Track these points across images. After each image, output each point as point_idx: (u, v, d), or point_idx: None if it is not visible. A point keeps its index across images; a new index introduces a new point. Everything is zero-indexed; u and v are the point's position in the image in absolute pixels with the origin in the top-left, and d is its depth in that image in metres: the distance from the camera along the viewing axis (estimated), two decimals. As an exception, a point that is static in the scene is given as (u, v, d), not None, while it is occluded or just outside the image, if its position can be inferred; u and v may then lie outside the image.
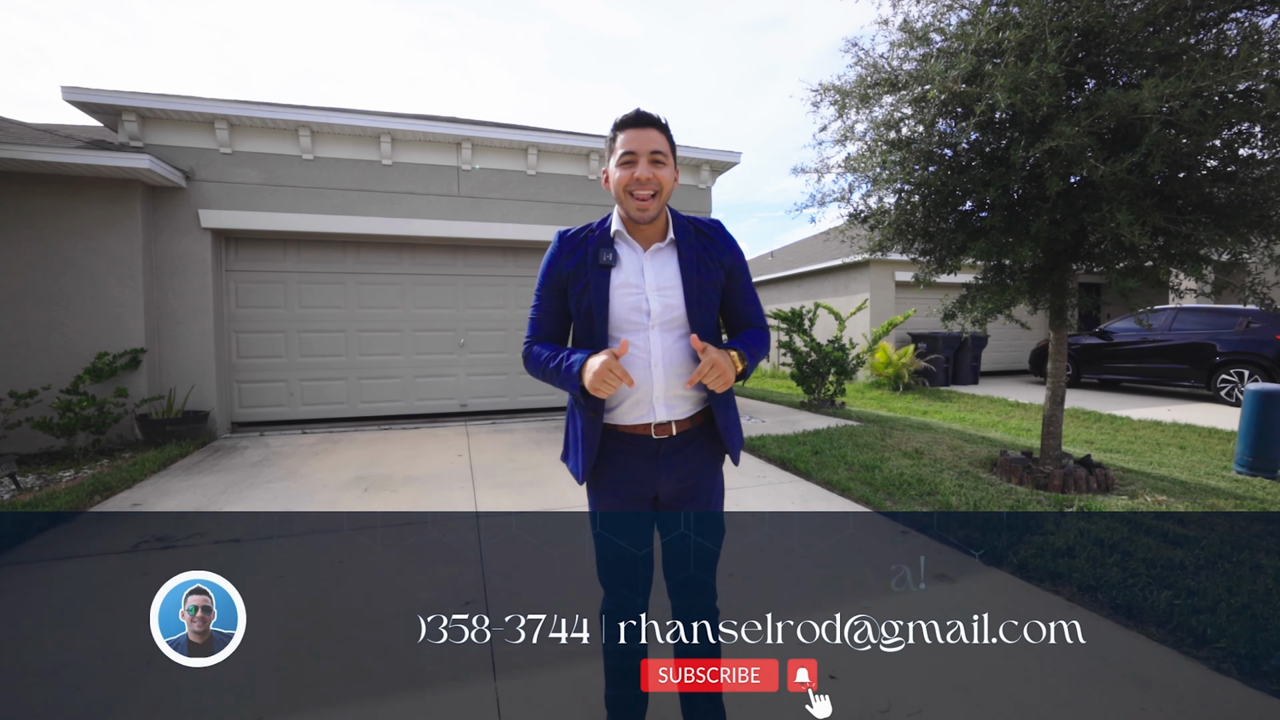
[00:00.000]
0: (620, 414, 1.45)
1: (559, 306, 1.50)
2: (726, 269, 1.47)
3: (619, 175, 1.38)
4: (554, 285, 1.48)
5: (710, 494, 1.54)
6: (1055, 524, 3.19)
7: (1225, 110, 2.64)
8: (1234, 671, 2.02)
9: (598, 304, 1.40)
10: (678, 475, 1.47)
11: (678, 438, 1.45)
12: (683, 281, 1.41)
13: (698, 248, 1.45)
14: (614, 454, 1.46)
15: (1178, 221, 2.94)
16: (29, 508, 3.58)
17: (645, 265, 1.42)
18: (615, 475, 1.47)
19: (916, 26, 3.67)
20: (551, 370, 1.42)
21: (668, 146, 1.39)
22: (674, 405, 1.44)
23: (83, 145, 5.26)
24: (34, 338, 5.25)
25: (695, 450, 1.48)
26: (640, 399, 1.42)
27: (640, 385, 1.40)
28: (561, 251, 1.46)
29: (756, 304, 1.56)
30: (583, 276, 1.42)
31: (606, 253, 1.41)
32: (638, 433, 1.44)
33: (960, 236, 3.86)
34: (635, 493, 1.48)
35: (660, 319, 1.40)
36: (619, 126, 1.41)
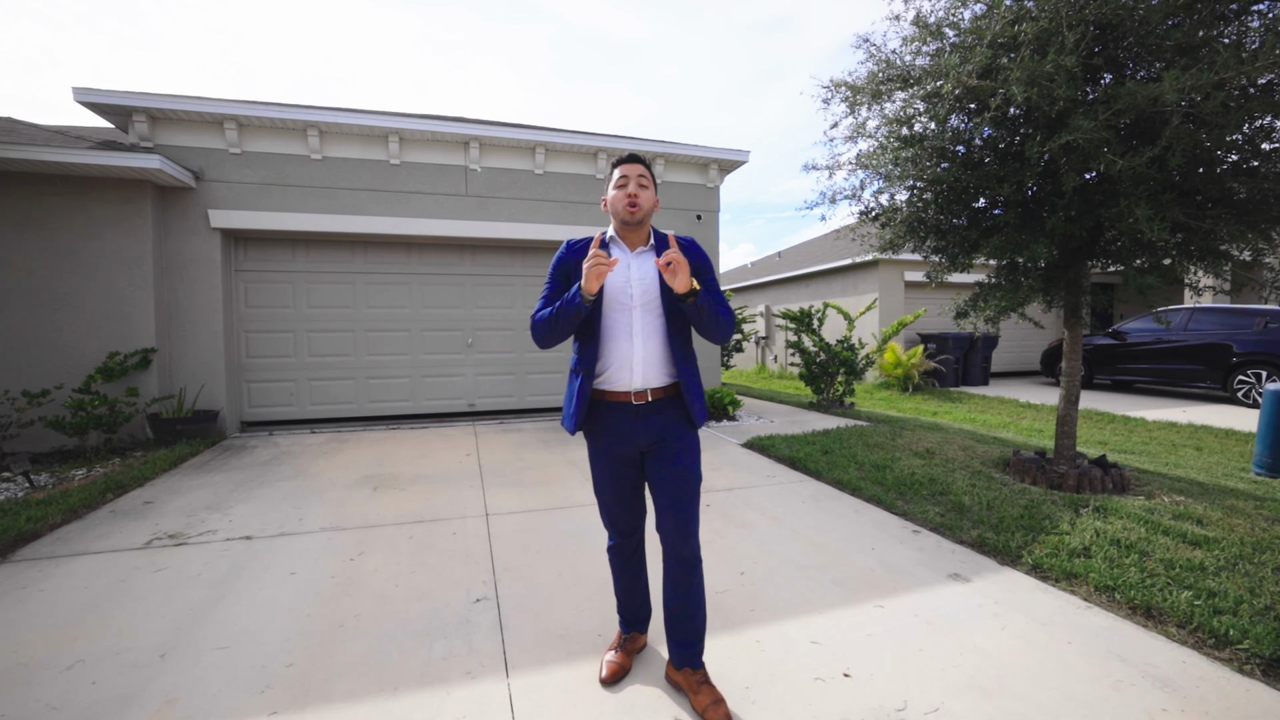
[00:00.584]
0: (607, 379, 1.86)
1: (564, 289, 1.90)
2: (694, 268, 1.85)
3: (615, 194, 1.86)
4: (562, 274, 1.92)
5: (682, 446, 1.88)
6: (1070, 524, 3.15)
7: (1248, 103, 2.60)
8: (1258, 674, 1.98)
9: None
10: (653, 431, 1.86)
11: (652, 403, 1.86)
12: (658, 273, 1.85)
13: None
14: (602, 415, 1.88)
15: (1198, 217, 2.90)
16: (43, 505, 3.60)
17: (631, 262, 1.88)
18: (604, 434, 1.89)
19: (930, 21, 3.65)
20: (557, 311, 1.79)
21: (650, 177, 1.89)
22: (650, 372, 1.85)
23: (94, 146, 5.30)
24: (46, 337, 5.29)
25: (667, 413, 1.88)
26: (622, 364, 1.84)
27: (622, 352, 1.84)
28: (569, 252, 1.92)
29: (719, 294, 1.95)
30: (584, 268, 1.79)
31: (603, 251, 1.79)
32: (621, 399, 1.86)
33: (973, 234, 3.83)
34: (620, 441, 1.88)
35: (641, 300, 1.85)
36: (615, 164, 1.89)
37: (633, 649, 2.11)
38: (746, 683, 1.98)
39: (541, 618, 2.42)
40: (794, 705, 1.86)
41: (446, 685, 1.98)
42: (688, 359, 1.91)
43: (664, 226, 7.36)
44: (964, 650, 2.18)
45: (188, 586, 2.71)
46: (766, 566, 2.90)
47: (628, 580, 2.08)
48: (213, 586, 2.71)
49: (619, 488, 1.96)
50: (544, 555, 3.05)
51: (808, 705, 1.87)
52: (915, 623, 2.38)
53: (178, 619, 2.41)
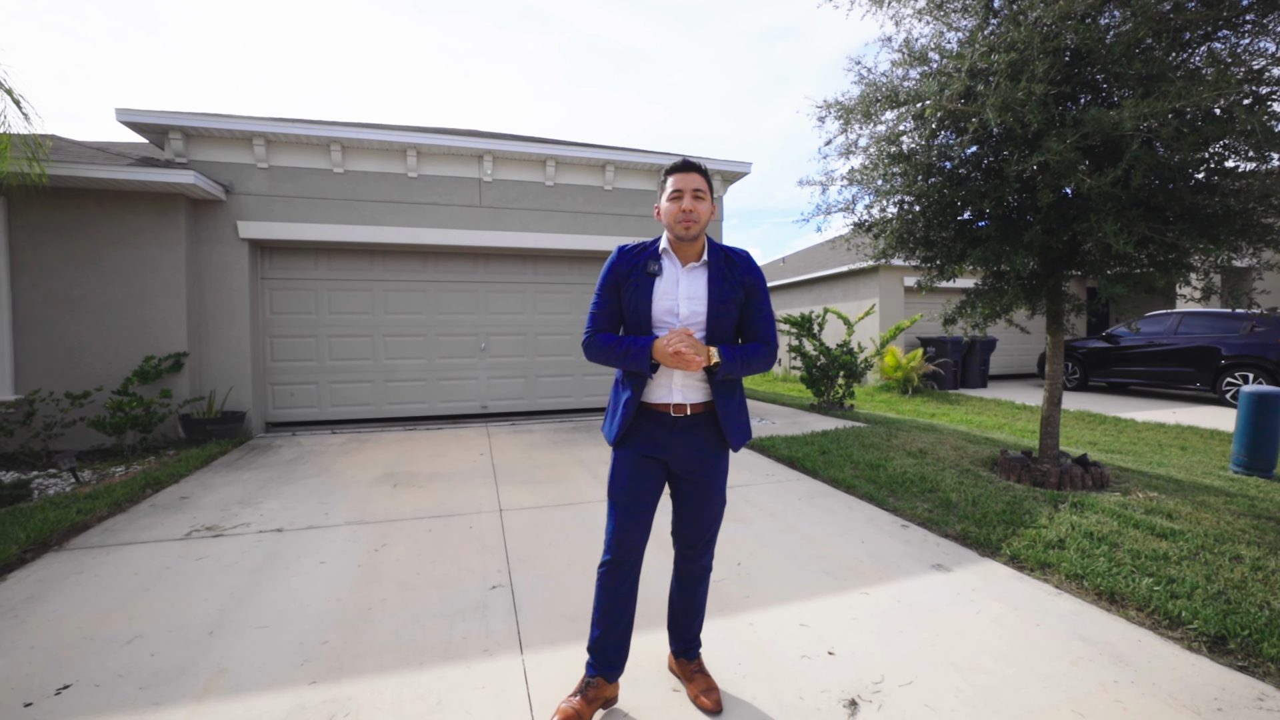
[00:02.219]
0: (648, 393, 1.83)
1: (615, 302, 1.85)
2: (747, 289, 1.82)
3: (669, 208, 1.78)
4: (612, 284, 1.84)
5: (714, 471, 1.86)
6: (1049, 518, 3.35)
7: (1202, 128, 2.80)
8: (1204, 650, 2.18)
9: (642, 303, 1.78)
10: (686, 448, 1.82)
11: (690, 418, 1.82)
12: (708, 294, 1.78)
13: (725, 269, 1.82)
14: (640, 424, 1.84)
15: (1162, 231, 3.10)
16: (90, 499, 3.87)
17: (681, 278, 1.80)
18: (636, 437, 1.84)
19: (916, 47, 3.87)
20: (620, 353, 1.76)
21: (706, 186, 1.78)
22: (688, 391, 1.81)
23: (134, 162, 5.62)
24: (87, 342, 5.60)
25: (703, 431, 1.83)
26: (663, 382, 1.81)
27: (664, 370, 1.79)
28: (620, 260, 1.84)
29: (768, 322, 1.87)
30: (634, 280, 1.80)
31: (654, 264, 1.80)
32: (660, 410, 1.82)
33: (960, 245, 4.04)
34: (651, 451, 1.83)
35: (686, 321, 1.77)
36: (669, 171, 1.81)
37: (596, 697, 1.81)
38: (739, 659, 2.19)
39: (553, 602, 2.65)
40: (781, 679, 2.08)
41: (467, 661, 2.21)
42: (724, 383, 1.81)
43: (669, 235, 7.61)
44: (940, 632, 2.38)
45: (227, 573, 2.96)
46: (762, 558, 3.11)
47: (613, 608, 1.84)
48: (250, 574, 2.96)
49: (637, 487, 1.81)
50: (555, 547, 3.28)
51: (794, 679, 2.08)
52: (898, 608, 2.59)
53: (221, 601, 2.66)
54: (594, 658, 1.86)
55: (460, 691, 2.00)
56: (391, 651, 2.26)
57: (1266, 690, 1.95)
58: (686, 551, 1.93)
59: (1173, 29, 3.03)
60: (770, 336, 1.87)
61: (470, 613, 2.56)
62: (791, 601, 2.64)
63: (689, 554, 1.93)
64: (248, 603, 2.64)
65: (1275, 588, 2.51)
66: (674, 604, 2.01)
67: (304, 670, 2.14)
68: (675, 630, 2.03)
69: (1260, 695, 1.92)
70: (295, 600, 2.67)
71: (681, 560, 1.96)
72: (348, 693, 2.00)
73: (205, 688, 2.02)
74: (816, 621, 2.46)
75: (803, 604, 2.62)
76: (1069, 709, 1.87)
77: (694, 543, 1.91)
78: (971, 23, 3.58)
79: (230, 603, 2.64)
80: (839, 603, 2.63)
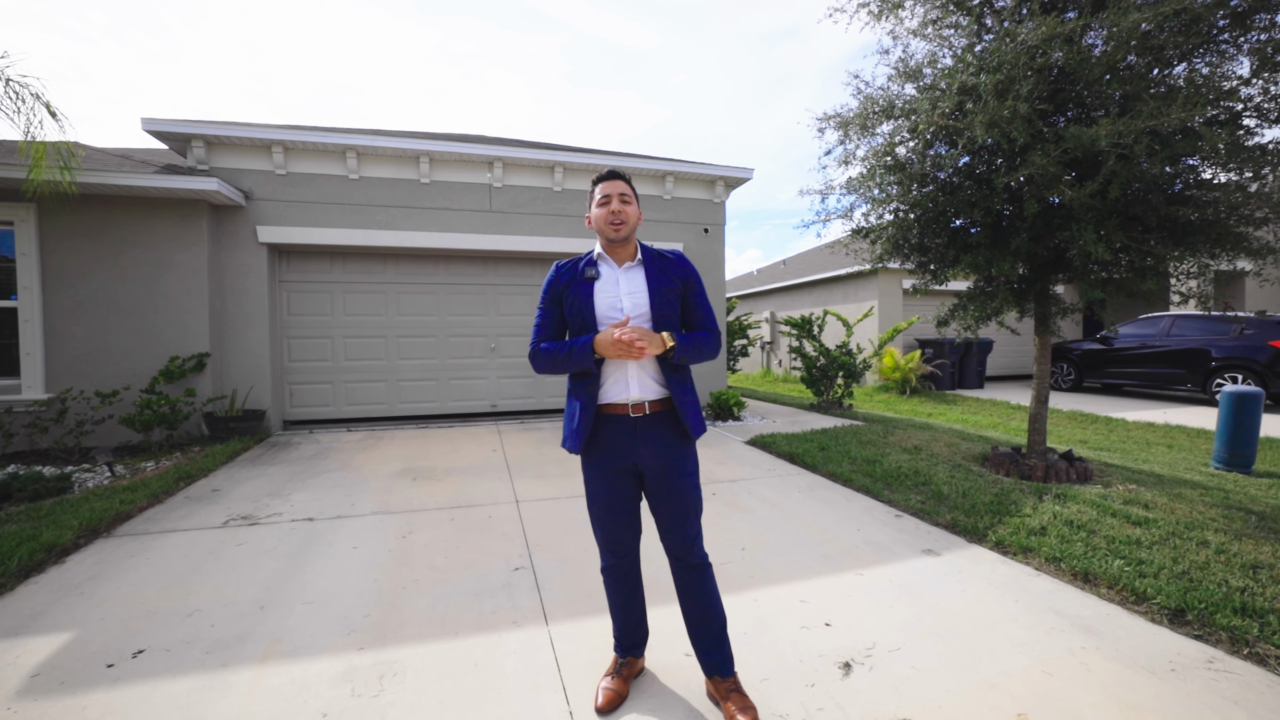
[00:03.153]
0: (605, 393, 1.87)
1: (558, 313, 1.93)
2: (682, 280, 1.92)
3: (599, 213, 1.88)
4: (553, 297, 1.93)
5: (683, 464, 1.89)
6: (1033, 508, 3.58)
7: (1173, 144, 3.02)
8: (1164, 621, 2.41)
9: (585, 304, 1.86)
10: (653, 448, 1.85)
11: (650, 416, 1.86)
12: (648, 287, 1.87)
13: (660, 265, 1.92)
14: (600, 431, 1.87)
15: (1139, 240, 3.33)
16: (129, 491, 4.10)
17: (620, 277, 1.89)
18: (602, 449, 1.87)
19: (912, 63, 4.10)
20: (563, 355, 1.83)
21: (631, 191, 1.91)
22: (646, 385, 1.86)
23: (159, 170, 5.85)
24: (114, 343, 5.83)
25: (663, 427, 1.87)
26: (618, 379, 1.86)
27: (618, 368, 1.85)
28: (558, 274, 1.94)
29: (707, 310, 1.97)
30: (574, 288, 1.88)
31: (591, 269, 1.89)
32: (618, 412, 1.86)
33: (952, 251, 4.27)
34: (619, 463, 1.87)
35: (632, 315, 1.84)
36: (596, 181, 1.92)
37: (630, 674, 2.03)
38: (744, 630, 2.41)
39: (572, 582, 2.88)
40: (782, 645, 2.30)
41: (498, 631, 2.43)
42: (679, 372, 1.90)
43: (674, 239, 7.85)
44: (927, 607, 2.61)
45: (268, 557, 3.19)
46: (764, 543, 3.34)
47: (623, 602, 2.01)
48: (289, 558, 3.18)
49: (615, 504, 1.91)
50: (570, 534, 3.50)
51: (793, 646, 2.31)
52: (889, 587, 2.82)
53: (267, 581, 2.89)
54: (619, 644, 2.05)
55: (494, 656, 2.23)
56: (429, 623, 2.48)
57: (1216, 654, 2.17)
58: (678, 552, 1.92)
59: (1154, 47, 3.25)
60: (713, 323, 1.96)
61: (497, 590, 2.79)
62: (792, 581, 2.87)
63: (680, 553, 1.91)
64: (291, 582, 2.87)
65: (1234, 568, 2.73)
66: (688, 617, 1.94)
67: (351, 639, 2.36)
68: (700, 644, 1.93)
69: (1210, 659, 2.15)
70: (335, 580, 2.90)
71: (677, 564, 1.93)
72: (393, 657, 2.22)
73: (265, 652, 2.24)
74: (815, 598, 2.69)
75: (802, 583, 2.84)
76: (1039, 670, 2.10)
77: (682, 540, 1.90)
78: (963, 42, 3.81)
79: (275, 582, 2.87)
80: (835, 582, 2.85)
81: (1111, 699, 1.93)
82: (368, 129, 7.53)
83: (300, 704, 1.94)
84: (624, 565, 1.98)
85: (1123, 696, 1.94)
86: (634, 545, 1.99)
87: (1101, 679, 2.04)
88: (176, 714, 1.89)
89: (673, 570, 1.94)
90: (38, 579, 2.87)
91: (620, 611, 2.03)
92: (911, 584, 2.83)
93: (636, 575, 2.02)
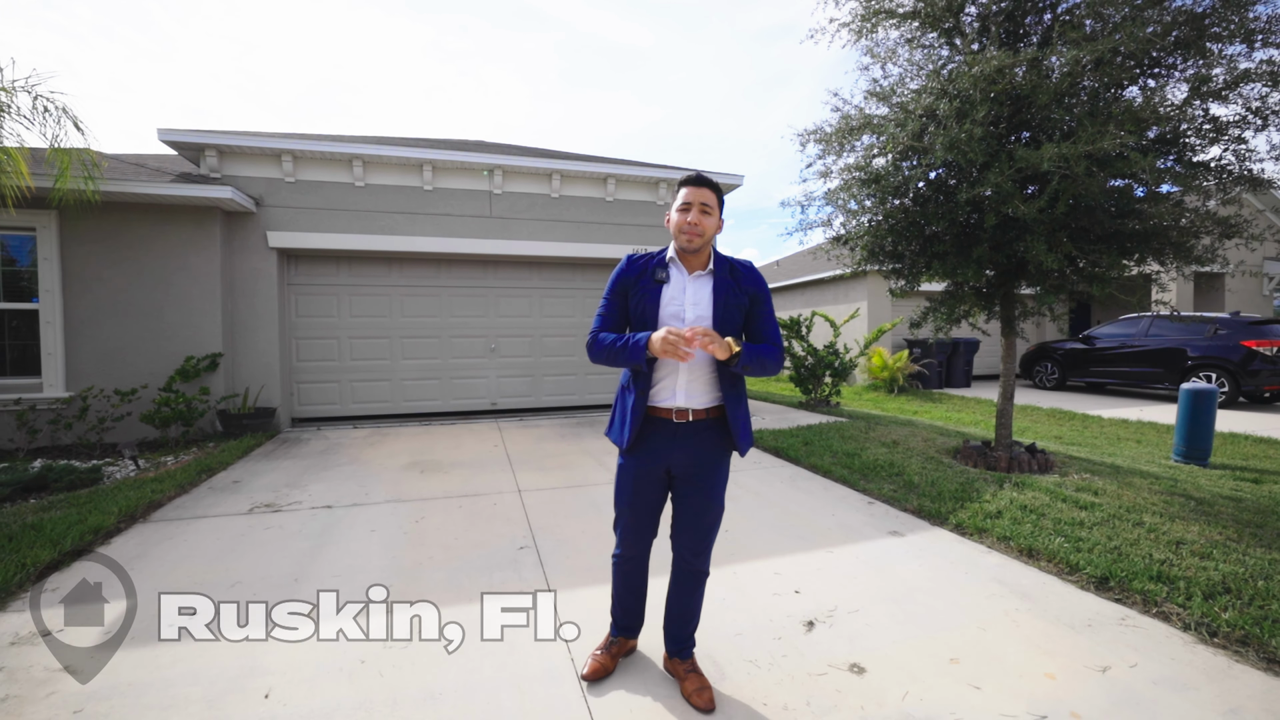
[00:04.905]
0: (654, 396, 1.90)
1: (622, 306, 1.95)
2: (750, 295, 1.92)
3: (677, 218, 1.87)
4: (620, 290, 1.94)
5: (715, 475, 1.93)
6: (993, 495, 3.91)
7: (1111, 165, 3.36)
8: (1091, 588, 2.75)
9: (650, 306, 1.87)
10: (689, 454, 1.89)
11: (693, 424, 1.89)
12: (713, 299, 1.87)
13: (730, 278, 1.91)
14: (645, 430, 1.92)
15: (1085, 250, 3.67)
16: (157, 482, 4.40)
17: (688, 285, 1.89)
18: (643, 447, 1.92)
19: (885, 84, 4.44)
20: (619, 349, 1.83)
21: (715, 202, 1.88)
22: (693, 395, 1.89)
23: (175, 179, 6.14)
24: (132, 344, 6.11)
25: (706, 437, 1.89)
26: (668, 385, 1.89)
27: (669, 374, 1.88)
28: (629, 267, 1.95)
29: (773, 325, 1.96)
30: (642, 287, 1.90)
31: (661, 272, 1.90)
32: (663, 415, 1.90)
33: (924, 258, 4.60)
34: (654, 460, 1.92)
35: (692, 325, 1.82)
36: (683, 183, 1.89)
37: (619, 652, 2.15)
38: (723, 596, 2.74)
39: (571, 558, 3.20)
40: (755, 609, 2.63)
41: (509, 595, 2.74)
42: (735, 385, 1.91)
43: (667, 243, 8.16)
44: (887, 578, 2.94)
45: (294, 539, 3.49)
46: (746, 527, 3.66)
47: (628, 592, 2.12)
48: (313, 539, 3.49)
49: (640, 504, 1.96)
50: (569, 519, 3.82)
51: (765, 609, 2.63)
52: (856, 562, 3.15)
53: (296, 559, 3.19)
54: (616, 625, 2.17)
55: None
56: (446, 591, 2.80)
57: (1130, 613, 2.51)
58: (685, 554, 1.98)
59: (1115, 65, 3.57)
60: (778, 339, 1.95)
61: (505, 565, 3.11)
62: (769, 557, 3.19)
63: (688, 556, 1.98)
64: (319, 559, 3.18)
65: (1160, 544, 3.07)
66: (670, 606, 2.07)
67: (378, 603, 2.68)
68: (670, 631, 2.09)
69: (1123, 616, 2.49)
70: (358, 558, 3.21)
71: (680, 562, 2.01)
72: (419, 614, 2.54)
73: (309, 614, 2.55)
74: (788, 571, 3.01)
75: (778, 559, 3.17)
76: (975, 625, 2.43)
77: (693, 545, 1.96)
78: (930, 67, 4.14)
79: (304, 560, 3.18)
80: (808, 559, 3.18)
81: (1032, 646, 2.27)
82: (373, 137, 7.83)
83: (341, 652, 2.25)
84: (636, 559, 2.06)
85: (1041, 644, 2.28)
86: (648, 543, 2.05)
87: (1027, 632, 2.38)
88: (235, 662, 2.20)
89: (674, 565, 2.03)
90: (88, 559, 3.17)
91: (622, 601, 2.13)
92: (875, 560, 3.16)
93: (644, 570, 2.10)
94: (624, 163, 8.04)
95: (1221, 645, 2.27)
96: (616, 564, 2.10)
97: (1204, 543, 3.07)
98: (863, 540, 3.44)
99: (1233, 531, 3.25)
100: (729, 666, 2.17)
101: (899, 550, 3.28)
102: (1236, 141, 3.59)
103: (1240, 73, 3.33)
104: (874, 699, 1.99)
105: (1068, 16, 3.79)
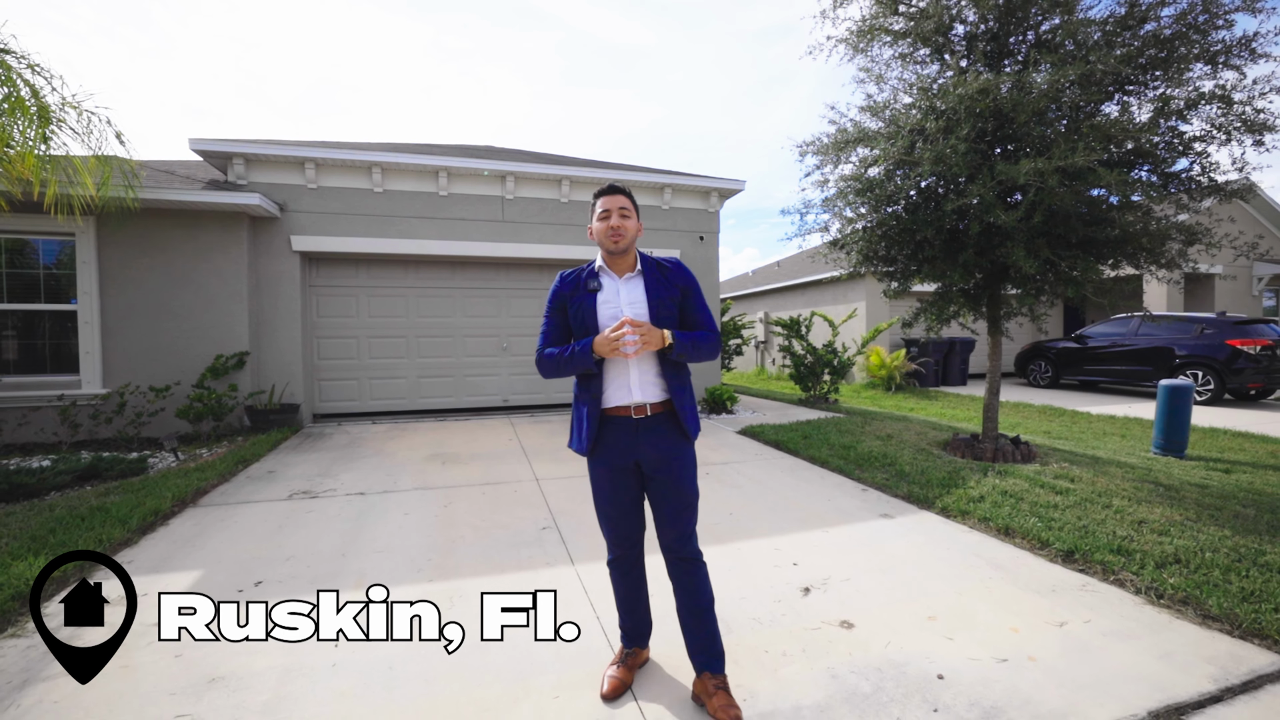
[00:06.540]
0: (608, 397, 1.97)
1: (562, 320, 2.03)
2: (681, 289, 2.02)
3: (599, 226, 1.97)
4: (559, 306, 2.03)
5: (682, 463, 1.98)
6: (977, 482, 4.23)
7: (1080, 179, 3.67)
8: (1058, 561, 3.06)
9: (589, 315, 1.96)
10: (654, 448, 1.95)
11: (651, 418, 1.96)
12: (647, 296, 1.96)
13: (659, 275, 2.02)
14: (605, 432, 1.98)
15: (1062, 255, 3.98)
16: (200, 471, 4.72)
17: (620, 288, 1.98)
18: (607, 449, 1.98)
19: (879, 99, 4.75)
20: (566, 358, 1.93)
21: (632, 206, 2.00)
22: (646, 389, 1.96)
23: (205, 186, 6.46)
24: (165, 343, 6.44)
25: (665, 430, 1.97)
26: (620, 384, 1.96)
27: (620, 372, 1.95)
28: (562, 284, 2.04)
29: (706, 314, 2.06)
30: (577, 298, 1.98)
31: (593, 282, 1.98)
32: (621, 414, 1.96)
33: (914, 262, 4.92)
34: (621, 461, 1.97)
35: None
36: (597, 195, 2.01)
37: (634, 664, 2.13)
38: (728, 567, 3.05)
39: (591, 538, 3.51)
40: (758, 578, 2.94)
41: (534, 570, 3.06)
42: (679, 376, 1.99)
43: (671, 246, 8.49)
44: (876, 553, 3.26)
45: (335, 521, 3.81)
46: (748, 511, 3.98)
47: (629, 595, 2.11)
48: (353, 521, 3.81)
49: (619, 499, 2.01)
50: (587, 504, 4.13)
51: (766, 578, 2.95)
52: (849, 540, 3.46)
53: (340, 538, 3.51)
54: (626, 636, 2.16)
55: (534, 584, 2.87)
56: (479, 565, 3.12)
57: (1090, 581, 2.83)
58: (672, 545, 1.99)
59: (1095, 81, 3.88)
60: (711, 324, 2.04)
61: (530, 543, 3.43)
62: (769, 536, 3.51)
63: (674, 547, 1.99)
64: (360, 538, 3.50)
65: (1124, 523, 3.39)
66: (682, 613, 2.01)
67: (421, 574, 3.00)
68: (692, 640, 1.99)
69: (1084, 584, 2.80)
70: (396, 537, 3.53)
71: (671, 557, 2.00)
72: (456, 587, 2.86)
73: (357, 583, 2.88)
74: (787, 547, 3.33)
75: (778, 538, 3.49)
76: (953, 591, 2.75)
77: (676, 531, 1.98)
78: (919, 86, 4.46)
79: (346, 539, 3.50)
80: (805, 537, 3.50)
81: (1001, 608, 2.58)
82: (390, 144, 8.15)
83: (394, 614, 2.57)
84: (630, 557, 2.09)
85: (1010, 606, 2.60)
86: (638, 538, 2.08)
87: (998, 597, 2.69)
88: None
89: (667, 565, 2.02)
90: (152, 536, 3.50)
91: (626, 603, 2.13)
92: (867, 538, 3.48)
93: (641, 568, 2.12)
94: (630, 168, 8.36)
95: (1166, 605, 2.59)
96: (613, 567, 2.12)
97: (1164, 522, 3.39)
98: (856, 521, 3.75)
99: (1192, 513, 3.56)
100: (735, 623, 2.48)
101: (889, 530, 3.60)
102: (1201, 156, 3.91)
103: (1197, 94, 3.64)
104: (860, 647, 2.31)
105: (1049, 37, 4.11)
